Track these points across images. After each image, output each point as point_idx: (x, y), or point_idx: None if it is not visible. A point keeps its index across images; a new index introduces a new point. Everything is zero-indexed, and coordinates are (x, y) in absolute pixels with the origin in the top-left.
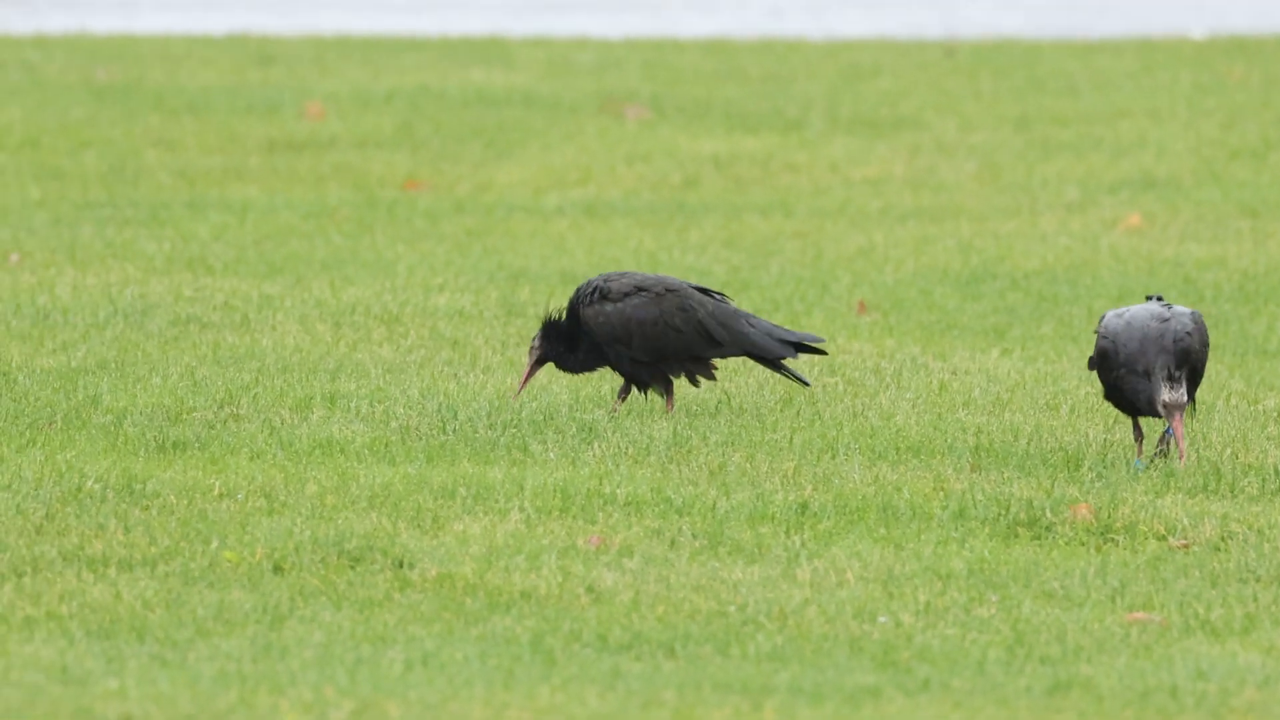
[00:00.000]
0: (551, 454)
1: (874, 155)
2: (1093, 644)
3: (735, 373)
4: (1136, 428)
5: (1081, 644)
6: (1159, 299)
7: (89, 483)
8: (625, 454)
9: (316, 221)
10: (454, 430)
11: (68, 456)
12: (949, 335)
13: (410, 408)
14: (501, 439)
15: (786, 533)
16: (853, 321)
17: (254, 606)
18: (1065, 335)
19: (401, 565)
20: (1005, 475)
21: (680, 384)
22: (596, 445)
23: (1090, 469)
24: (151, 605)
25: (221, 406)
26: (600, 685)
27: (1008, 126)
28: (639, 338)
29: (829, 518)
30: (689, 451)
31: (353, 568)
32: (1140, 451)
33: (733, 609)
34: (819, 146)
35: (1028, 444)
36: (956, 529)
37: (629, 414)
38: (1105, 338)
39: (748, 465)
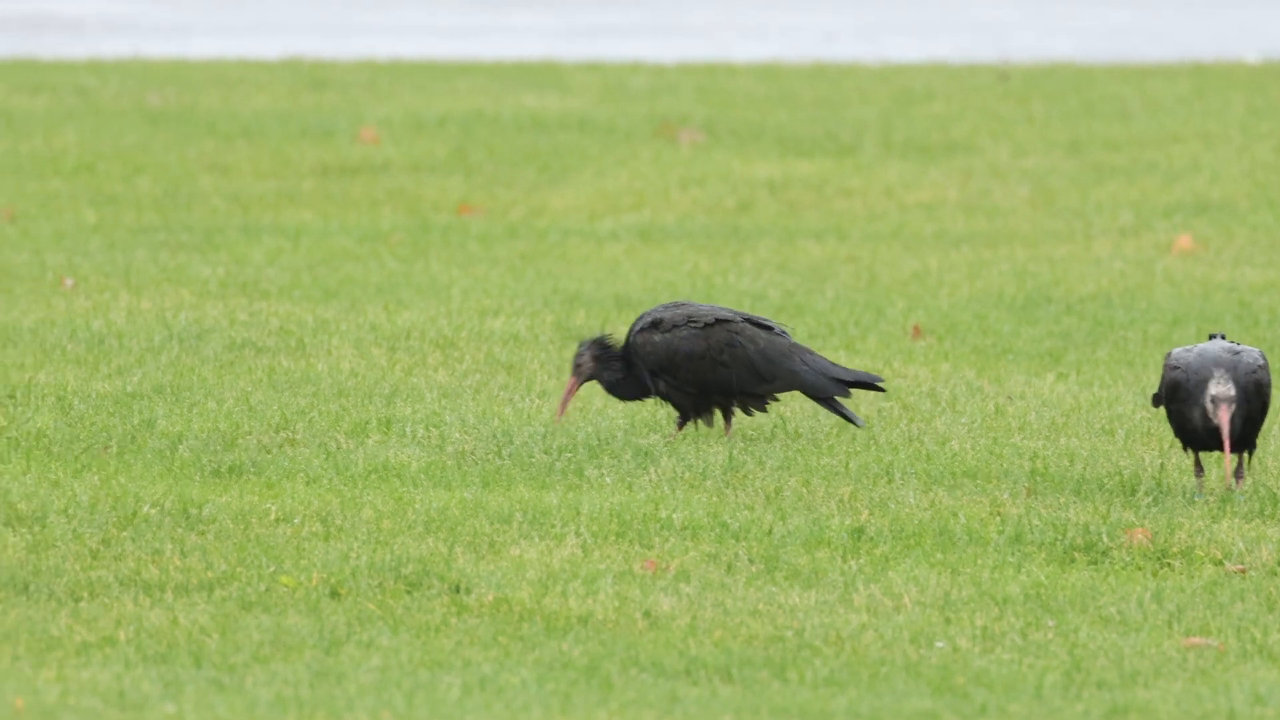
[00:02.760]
0: (607, 479)
1: (927, 180)
2: (1150, 669)
3: (791, 398)
4: (1198, 464)
5: (1138, 669)
6: (1221, 337)
7: (145, 508)
8: (681, 479)
9: (370, 246)
10: (510, 455)
11: (123, 481)
12: (1004, 360)
13: (466, 432)
14: (557, 464)
15: (843, 557)
16: (907, 346)
17: (311, 631)
18: (1120, 360)
19: (458, 590)
20: (1061, 500)
21: (737, 414)
22: (652, 470)
23: (1146, 493)
24: (208, 630)
25: (277, 431)
26: (657, 710)
27: (1061, 151)
28: (685, 370)
29: (885, 542)
30: (745, 476)
31: (409, 593)
32: (1201, 487)
33: (789, 634)
34: (873, 171)
35: (1084, 469)
36: (1013, 554)
37: (684, 439)
38: (1176, 368)
39: (804, 490)
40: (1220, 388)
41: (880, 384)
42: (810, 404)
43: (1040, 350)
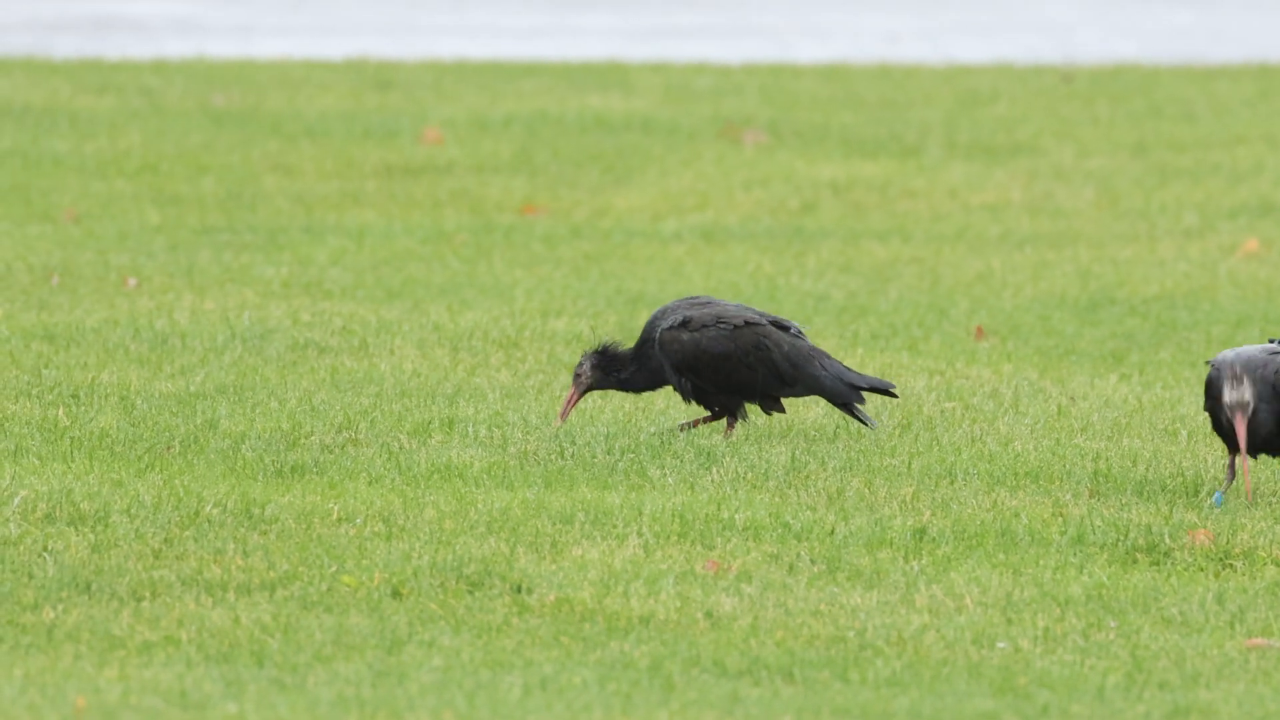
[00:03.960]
0: (670, 479)
1: (992, 181)
2: (1212, 670)
3: (798, 400)
4: (1231, 466)
5: (1200, 670)
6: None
7: (207, 507)
8: (743, 479)
9: (434, 246)
10: (572, 455)
11: (186, 481)
12: (1067, 361)
13: (528, 432)
14: (619, 464)
15: (905, 558)
16: (971, 347)
17: (372, 631)
18: (1184, 361)
19: (520, 590)
20: (1123, 501)
21: (754, 411)
22: (714, 470)
23: (1209, 495)
24: (270, 630)
25: (340, 431)
26: (718, 710)
27: (1125, 152)
28: (709, 370)
29: (947, 543)
30: (807, 477)
31: (471, 593)
32: (1226, 487)
33: (851, 634)
34: (937, 172)
35: (1146, 469)
36: (1075, 554)
37: (746, 439)
38: (1214, 367)
39: (866, 490)
40: (1233, 394)
41: (893, 389)
42: (872, 405)
43: (1103, 351)
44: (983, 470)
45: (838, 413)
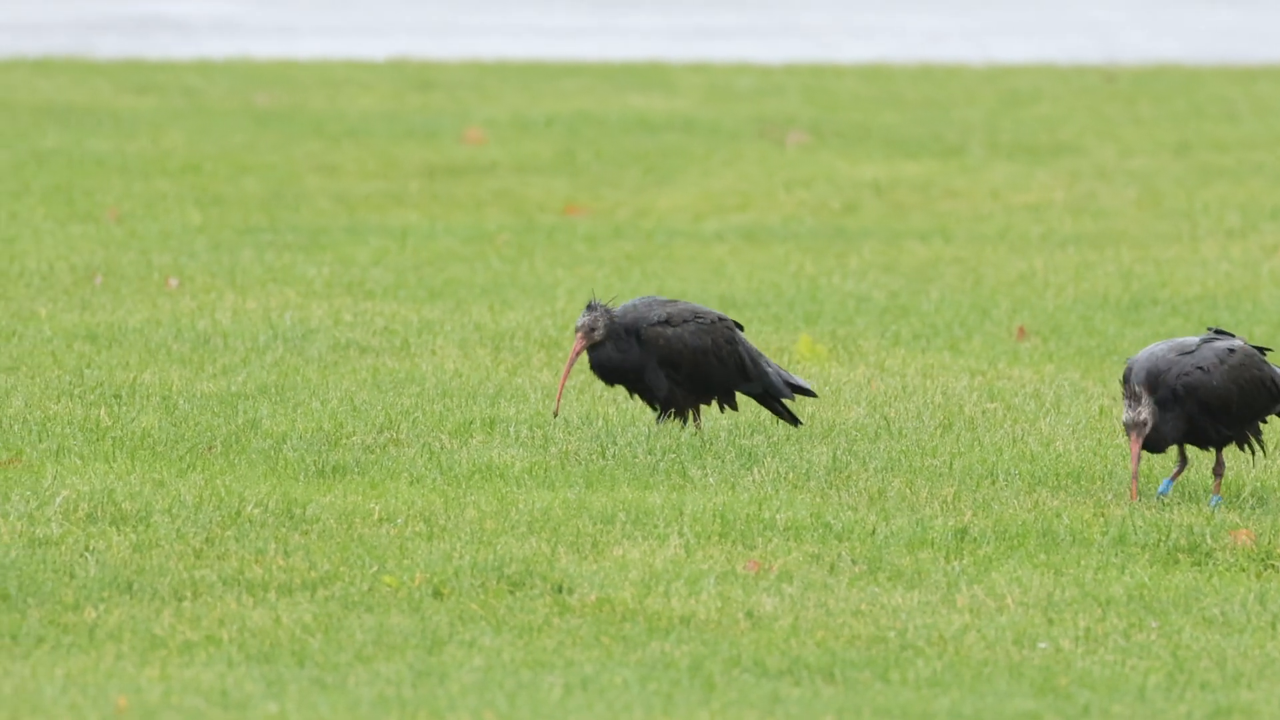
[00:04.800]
0: (711, 479)
1: (1034, 181)
2: (1253, 670)
3: (895, 398)
4: (1181, 456)
5: (1242, 670)
6: (1216, 331)
7: (249, 507)
8: (784, 479)
9: (476, 246)
10: (613, 455)
11: (227, 481)
12: (1109, 361)
13: (569, 433)
14: (660, 464)
15: (946, 558)
16: (1013, 347)
17: (413, 631)
18: None
19: (561, 590)
20: (1165, 501)
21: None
22: (756, 470)
23: (1250, 495)
24: (311, 630)
25: (381, 431)
26: (759, 710)
27: (1167, 152)
28: (689, 364)
29: (988, 543)
30: (848, 477)
31: (512, 592)
32: (1175, 474)
33: (892, 634)
34: (979, 172)
35: (1187, 470)
36: (1116, 555)
37: (787, 440)
38: (1127, 367)
39: (907, 491)
40: (1129, 414)
41: (814, 392)
42: (914, 404)
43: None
44: (1024, 471)
45: (878, 411)
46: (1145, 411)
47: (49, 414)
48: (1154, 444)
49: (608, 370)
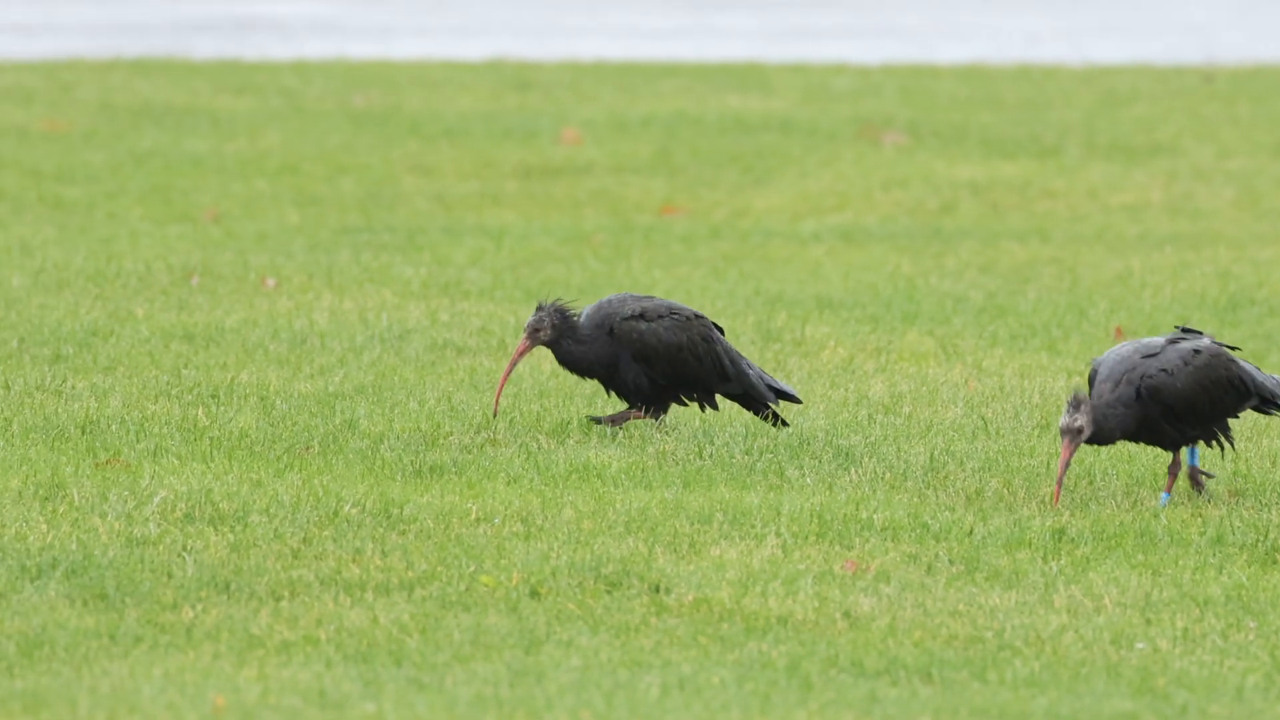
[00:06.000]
0: (808, 479)
1: (1131, 181)
2: None
3: (992, 398)
4: (1174, 463)
5: None
6: (1183, 330)
7: (346, 507)
8: (882, 479)
9: (572, 247)
10: (710, 455)
11: (325, 481)
12: None
13: (666, 432)
14: (758, 464)
15: (1044, 558)
16: (1109, 347)
17: (510, 631)
18: None
19: (658, 590)
20: (1263, 501)
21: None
22: (853, 471)
23: None
24: (408, 629)
25: (478, 431)
26: (856, 710)
27: (1266, 153)
28: (664, 360)
29: (1086, 544)
30: (945, 477)
31: (609, 592)
32: (1170, 485)
33: (989, 634)
34: (1076, 172)
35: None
36: (1214, 555)
37: (885, 439)
38: (1092, 367)
39: (1005, 491)
40: (1065, 419)
41: (798, 398)
42: (1011, 404)
43: (1243, 352)
44: (1122, 470)
45: (976, 411)
46: (1082, 419)
47: (147, 414)
48: (1098, 439)
49: (571, 365)
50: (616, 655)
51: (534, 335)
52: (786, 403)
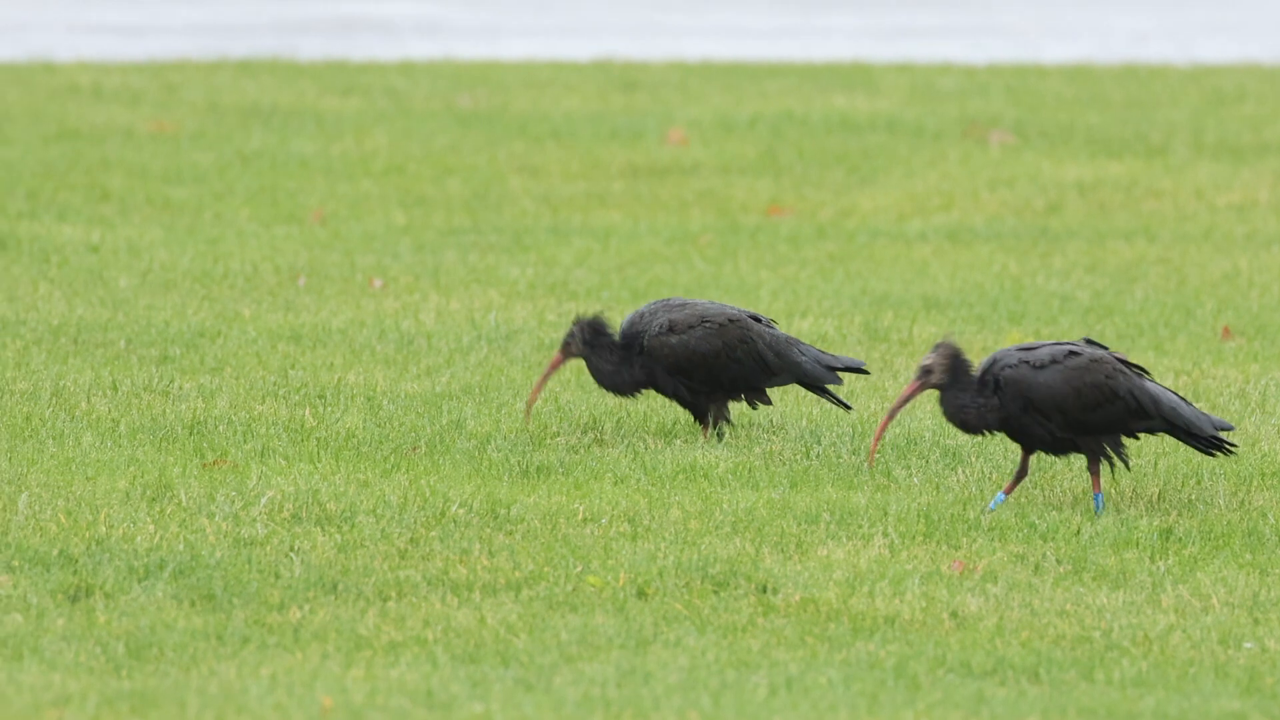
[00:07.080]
0: (915, 479)
1: (1238, 181)
2: None
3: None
4: (1024, 463)
5: None
6: (1087, 341)
7: (453, 507)
8: (989, 479)
9: (679, 247)
10: (817, 455)
11: (431, 481)
12: None
13: (774, 433)
14: (865, 464)
15: (1151, 558)
16: (1217, 347)
17: (618, 631)
18: None
19: (765, 590)
20: None
21: (739, 407)
22: (960, 471)
23: None
24: (515, 630)
25: (585, 431)
26: (964, 710)
27: None
28: (700, 370)
29: (1194, 543)
30: (1052, 477)
31: (716, 593)
32: (1009, 489)
33: (1097, 634)
34: (1183, 172)
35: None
36: None
37: (989, 441)
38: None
39: (1112, 491)
40: (925, 359)
41: (865, 368)
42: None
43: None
44: (1229, 470)
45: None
46: (934, 361)
47: (254, 415)
48: (965, 425)
49: (603, 385)
50: (724, 655)
51: (566, 349)
52: (854, 374)
